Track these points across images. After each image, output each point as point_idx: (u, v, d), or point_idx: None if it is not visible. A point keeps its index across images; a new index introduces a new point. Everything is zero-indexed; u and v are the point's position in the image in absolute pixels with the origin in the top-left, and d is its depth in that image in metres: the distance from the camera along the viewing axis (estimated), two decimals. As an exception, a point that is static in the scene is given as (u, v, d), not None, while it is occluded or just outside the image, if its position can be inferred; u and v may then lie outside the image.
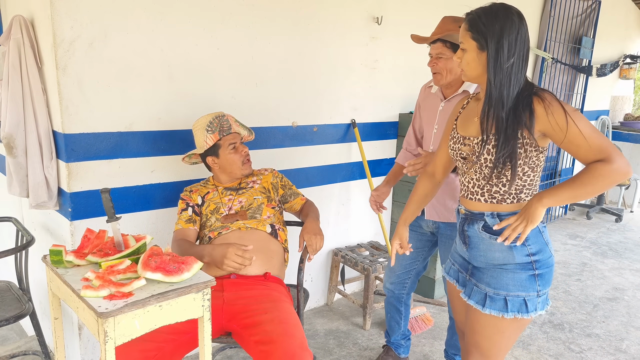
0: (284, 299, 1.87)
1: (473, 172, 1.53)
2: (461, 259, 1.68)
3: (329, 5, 2.69)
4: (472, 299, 1.58)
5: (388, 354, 2.45)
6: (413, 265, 2.25)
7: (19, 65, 1.96)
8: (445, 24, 1.92)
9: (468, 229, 1.59)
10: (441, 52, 1.91)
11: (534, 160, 1.46)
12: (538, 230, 1.51)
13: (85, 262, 1.49)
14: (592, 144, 1.36)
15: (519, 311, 1.50)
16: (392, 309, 2.38)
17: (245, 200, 2.07)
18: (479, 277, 1.58)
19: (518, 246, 1.49)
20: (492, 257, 1.54)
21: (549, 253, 1.53)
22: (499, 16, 1.39)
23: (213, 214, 2.05)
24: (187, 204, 2.06)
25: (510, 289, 1.50)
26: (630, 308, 3.28)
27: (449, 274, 1.74)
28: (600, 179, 1.36)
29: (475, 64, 1.45)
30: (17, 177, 2.04)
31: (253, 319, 1.73)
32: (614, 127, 5.87)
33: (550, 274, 1.53)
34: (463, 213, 1.61)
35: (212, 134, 2.01)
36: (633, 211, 5.72)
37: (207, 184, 2.14)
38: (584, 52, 4.90)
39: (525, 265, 1.50)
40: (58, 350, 1.62)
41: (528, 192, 1.51)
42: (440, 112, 2.05)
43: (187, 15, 2.17)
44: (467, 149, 1.52)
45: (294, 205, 2.22)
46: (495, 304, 1.52)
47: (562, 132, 1.37)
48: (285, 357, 1.57)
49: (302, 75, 2.67)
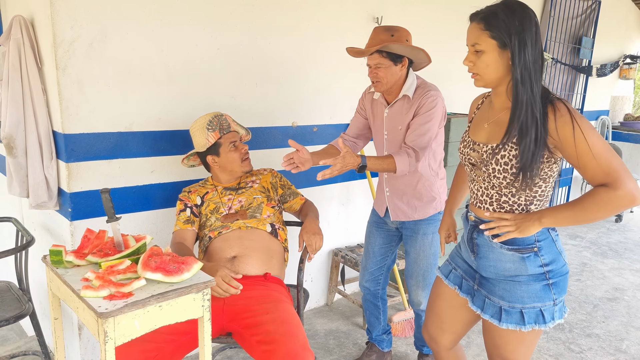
0: (285, 299, 1.88)
1: (482, 180, 1.48)
2: (466, 265, 1.61)
3: (329, 5, 2.69)
4: (486, 313, 1.50)
5: (372, 350, 2.50)
6: (384, 261, 2.33)
7: (19, 65, 1.96)
8: (378, 34, 1.99)
9: (477, 237, 1.53)
10: (379, 62, 1.99)
11: (546, 171, 1.39)
12: (552, 240, 1.45)
13: (85, 262, 1.49)
14: (601, 164, 1.27)
15: (536, 322, 1.44)
16: (370, 306, 2.43)
17: (245, 200, 2.07)
18: (490, 289, 1.50)
19: (531, 256, 1.42)
20: (503, 267, 1.47)
21: (562, 261, 1.46)
22: (517, 10, 1.32)
23: (213, 213, 2.05)
24: (185, 204, 2.07)
25: (525, 301, 1.44)
26: (630, 308, 3.28)
27: (447, 277, 1.66)
28: (603, 206, 1.28)
29: (497, 65, 1.36)
30: (17, 177, 2.04)
31: (254, 319, 1.74)
32: (614, 127, 5.88)
33: (565, 281, 1.46)
34: (473, 220, 1.54)
35: (213, 132, 2.01)
36: (633, 211, 5.72)
37: (205, 184, 2.14)
38: (584, 52, 4.90)
39: (539, 276, 1.43)
40: (58, 350, 1.62)
41: (539, 203, 1.45)
42: (386, 119, 2.12)
43: (187, 15, 2.17)
44: (476, 156, 1.47)
45: (293, 205, 2.21)
46: (511, 318, 1.45)
47: (570, 146, 1.29)
48: (288, 357, 1.58)
49: (302, 75, 2.67)
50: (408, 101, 2.04)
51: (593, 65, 5.13)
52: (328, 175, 1.79)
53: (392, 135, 2.11)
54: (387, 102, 2.12)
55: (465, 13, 1.45)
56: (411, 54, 2.01)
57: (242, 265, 1.93)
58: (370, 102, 2.22)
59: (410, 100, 2.03)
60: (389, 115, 2.10)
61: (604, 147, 1.28)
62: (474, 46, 1.38)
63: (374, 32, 2.02)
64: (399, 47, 1.96)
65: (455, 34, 3.15)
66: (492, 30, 1.33)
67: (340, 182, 3.02)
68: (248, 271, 1.92)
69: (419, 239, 2.18)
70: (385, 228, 2.28)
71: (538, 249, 1.43)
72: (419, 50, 1.98)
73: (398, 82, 2.03)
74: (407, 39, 1.98)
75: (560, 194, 5.33)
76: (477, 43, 1.37)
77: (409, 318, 2.83)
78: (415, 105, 2.01)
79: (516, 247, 1.44)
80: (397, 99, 2.06)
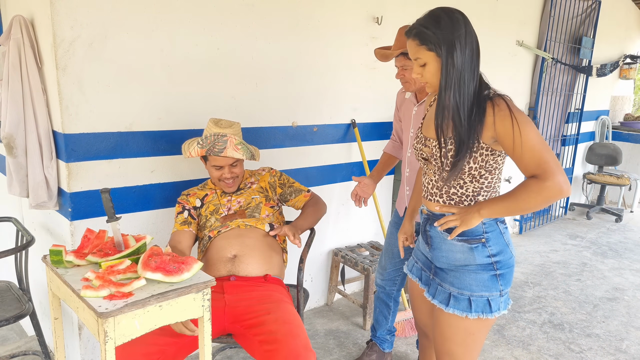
0: (285, 299, 1.88)
1: (432, 173, 1.55)
2: (424, 257, 1.68)
3: (329, 5, 2.69)
4: (436, 299, 1.57)
5: (372, 350, 2.50)
6: (402, 263, 2.32)
7: (19, 65, 1.96)
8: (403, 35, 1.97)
9: (430, 230, 1.59)
10: (405, 63, 2.02)
11: (491, 163, 1.45)
12: (499, 232, 1.51)
13: (85, 262, 1.49)
14: (534, 156, 1.34)
15: (483, 311, 1.49)
16: (381, 304, 2.44)
17: (244, 200, 2.08)
18: (442, 277, 1.57)
19: (479, 247, 1.49)
20: (454, 258, 1.53)
21: (509, 254, 1.53)
22: (442, 19, 1.38)
23: (213, 214, 2.05)
24: (183, 207, 2.07)
25: (474, 289, 1.50)
26: (630, 308, 3.28)
27: (411, 271, 1.74)
28: (533, 196, 1.35)
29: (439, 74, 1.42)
30: (17, 177, 2.04)
31: (256, 319, 1.74)
32: (614, 127, 5.88)
33: (510, 274, 1.54)
34: (425, 213, 1.62)
35: (201, 149, 1.93)
36: (633, 211, 5.72)
37: (204, 187, 2.14)
38: (584, 52, 4.90)
39: (487, 266, 1.50)
40: (58, 350, 1.62)
41: (486, 194, 1.50)
42: (414, 117, 2.13)
43: (187, 15, 2.17)
44: (427, 151, 1.53)
45: (296, 203, 2.21)
46: (459, 304, 1.51)
47: (507, 139, 1.36)
48: (290, 357, 1.59)
49: (302, 75, 2.67)
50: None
51: (593, 65, 5.13)
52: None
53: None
54: (417, 100, 2.13)
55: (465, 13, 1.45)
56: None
57: (243, 265, 1.93)
58: (401, 100, 2.25)
59: None
60: (417, 114, 2.11)
61: (538, 141, 1.35)
62: (417, 60, 1.45)
63: (399, 33, 2.02)
64: None
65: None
66: (426, 44, 1.40)
67: (340, 182, 3.02)
68: (249, 272, 1.93)
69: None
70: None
71: (486, 240, 1.49)
72: None
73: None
74: None
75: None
76: (418, 57, 1.44)
77: (409, 318, 2.83)
78: None
79: (465, 238, 1.50)
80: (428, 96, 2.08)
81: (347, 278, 3.18)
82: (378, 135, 3.15)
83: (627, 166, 5.80)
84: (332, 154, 2.94)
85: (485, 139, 1.41)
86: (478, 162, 1.44)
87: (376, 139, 3.14)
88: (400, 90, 2.28)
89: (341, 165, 3.00)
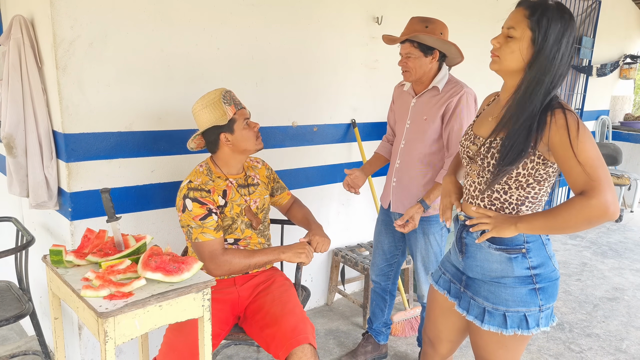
0: (286, 282, 2.00)
1: (475, 174, 1.47)
2: (454, 269, 1.59)
3: (329, 5, 2.69)
4: (470, 314, 1.49)
5: (368, 341, 2.53)
6: (393, 259, 2.40)
7: (19, 65, 1.96)
8: (413, 24, 2.01)
9: (466, 237, 1.51)
10: (410, 51, 2.02)
11: (541, 173, 1.36)
12: (541, 243, 1.42)
13: (85, 262, 1.49)
14: (585, 170, 1.23)
15: (519, 327, 1.41)
16: (377, 298, 2.50)
17: (259, 201, 2.02)
18: (475, 290, 1.49)
19: (518, 257, 1.40)
20: (490, 268, 1.45)
21: (552, 267, 1.43)
22: (565, 17, 1.29)
23: (239, 216, 1.94)
24: (210, 209, 1.81)
25: (509, 304, 1.42)
26: (630, 308, 3.28)
27: (437, 283, 1.65)
28: (574, 213, 1.24)
29: (520, 56, 1.32)
30: (17, 177, 2.04)
31: (258, 302, 1.88)
32: (614, 127, 5.88)
33: (554, 288, 1.43)
34: (462, 220, 1.53)
35: (229, 106, 1.82)
36: (633, 211, 5.72)
37: (211, 174, 1.90)
38: (584, 52, 4.90)
39: (525, 279, 1.41)
40: (58, 350, 1.62)
41: (530, 205, 1.41)
42: (412, 108, 2.15)
43: (187, 15, 2.17)
44: (474, 149, 1.46)
45: (279, 200, 2.19)
46: (494, 320, 1.43)
47: (559, 150, 1.28)
48: (287, 332, 1.69)
49: (302, 75, 2.67)
50: (437, 94, 2.06)
51: (593, 65, 5.13)
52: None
53: (415, 125, 2.14)
54: (416, 93, 2.15)
55: (465, 13, 1.45)
56: (442, 47, 2.00)
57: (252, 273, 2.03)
58: (399, 93, 2.27)
59: (439, 92, 2.05)
60: (415, 105, 2.13)
61: (594, 155, 1.25)
62: (509, 30, 1.34)
63: (410, 22, 2.04)
64: (429, 39, 1.96)
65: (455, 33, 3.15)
66: (532, 22, 1.29)
67: (340, 182, 3.02)
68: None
69: (419, 237, 2.20)
70: (394, 227, 2.27)
71: (526, 250, 1.41)
72: (451, 44, 1.98)
73: (428, 74, 2.06)
74: (441, 32, 1.98)
75: (561, 194, 5.34)
76: (512, 27, 1.33)
77: (409, 318, 2.83)
78: (444, 100, 2.03)
79: (504, 247, 1.42)
80: (426, 90, 2.09)
81: (347, 278, 3.19)
82: (378, 135, 3.14)
83: (627, 166, 5.81)
84: (332, 154, 2.94)
85: (539, 147, 1.32)
86: (527, 169, 1.35)
87: (376, 139, 3.14)
88: (399, 84, 2.30)
89: (341, 165, 3.00)
